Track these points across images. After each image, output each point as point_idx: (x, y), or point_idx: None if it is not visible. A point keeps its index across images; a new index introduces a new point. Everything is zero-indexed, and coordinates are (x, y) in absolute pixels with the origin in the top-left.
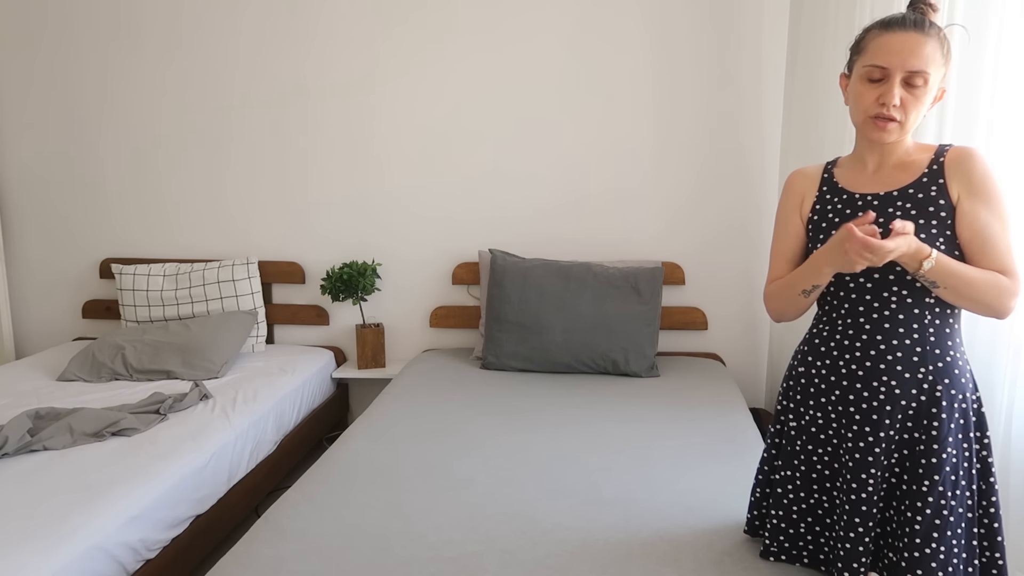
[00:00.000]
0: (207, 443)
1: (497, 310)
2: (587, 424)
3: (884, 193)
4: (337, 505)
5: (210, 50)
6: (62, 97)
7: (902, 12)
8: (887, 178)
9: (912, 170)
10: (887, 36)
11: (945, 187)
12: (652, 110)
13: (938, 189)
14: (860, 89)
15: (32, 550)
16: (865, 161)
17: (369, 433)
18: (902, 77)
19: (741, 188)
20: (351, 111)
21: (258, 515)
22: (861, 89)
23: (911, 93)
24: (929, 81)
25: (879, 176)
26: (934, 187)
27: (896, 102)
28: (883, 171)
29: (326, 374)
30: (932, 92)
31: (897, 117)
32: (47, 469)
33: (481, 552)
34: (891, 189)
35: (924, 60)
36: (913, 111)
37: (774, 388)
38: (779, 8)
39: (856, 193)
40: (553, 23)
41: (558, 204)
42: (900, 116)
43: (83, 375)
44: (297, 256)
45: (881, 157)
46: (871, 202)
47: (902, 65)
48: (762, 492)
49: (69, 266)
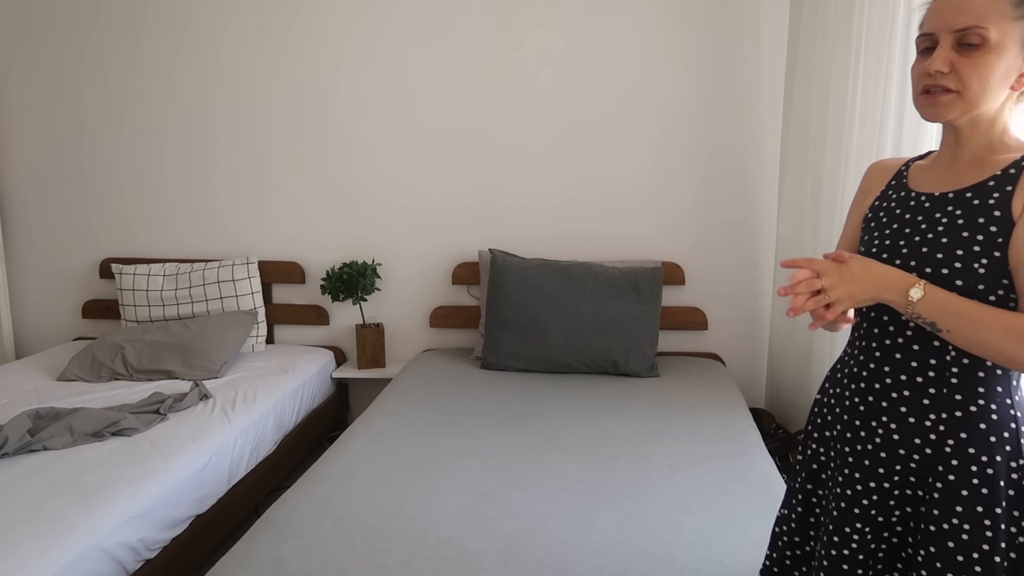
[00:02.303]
0: (207, 443)
1: (497, 310)
2: (587, 424)
3: (939, 194)
4: (337, 505)
5: (210, 50)
6: (63, 97)
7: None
8: (955, 176)
9: (986, 169)
10: (937, 2)
11: (1011, 197)
12: (652, 109)
13: (1000, 198)
14: (915, 66)
15: (32, 550)
16: (942, 154)
17: (369, 433)
18: (952, 40)
19: (741, 188)
20: (351, 111)
21: (258, 515)
22: (915, 65)
23: (967, 56)
24: (991, 39)
25: (949, 173)
26: (996, 194)
27: (943, 68)
28: (955, 167)
29: (326, 374)
30: (1003, 54)
31: (950, 86)
32: (47, 469)
33: (481, 552)
34: (950, 190)
35: (975, 13)
36: (974, 78)
37: (774, 388)
38: (779, 8)
39: (914, 191)
40: (554, 24)
41: (558, 204)
42: (955, 84)
43: (83, 375)
44: (297, 256)
45: (955, 148)
46: (923, 203)
47: (946, 25)
48: None
49: (69, 266)
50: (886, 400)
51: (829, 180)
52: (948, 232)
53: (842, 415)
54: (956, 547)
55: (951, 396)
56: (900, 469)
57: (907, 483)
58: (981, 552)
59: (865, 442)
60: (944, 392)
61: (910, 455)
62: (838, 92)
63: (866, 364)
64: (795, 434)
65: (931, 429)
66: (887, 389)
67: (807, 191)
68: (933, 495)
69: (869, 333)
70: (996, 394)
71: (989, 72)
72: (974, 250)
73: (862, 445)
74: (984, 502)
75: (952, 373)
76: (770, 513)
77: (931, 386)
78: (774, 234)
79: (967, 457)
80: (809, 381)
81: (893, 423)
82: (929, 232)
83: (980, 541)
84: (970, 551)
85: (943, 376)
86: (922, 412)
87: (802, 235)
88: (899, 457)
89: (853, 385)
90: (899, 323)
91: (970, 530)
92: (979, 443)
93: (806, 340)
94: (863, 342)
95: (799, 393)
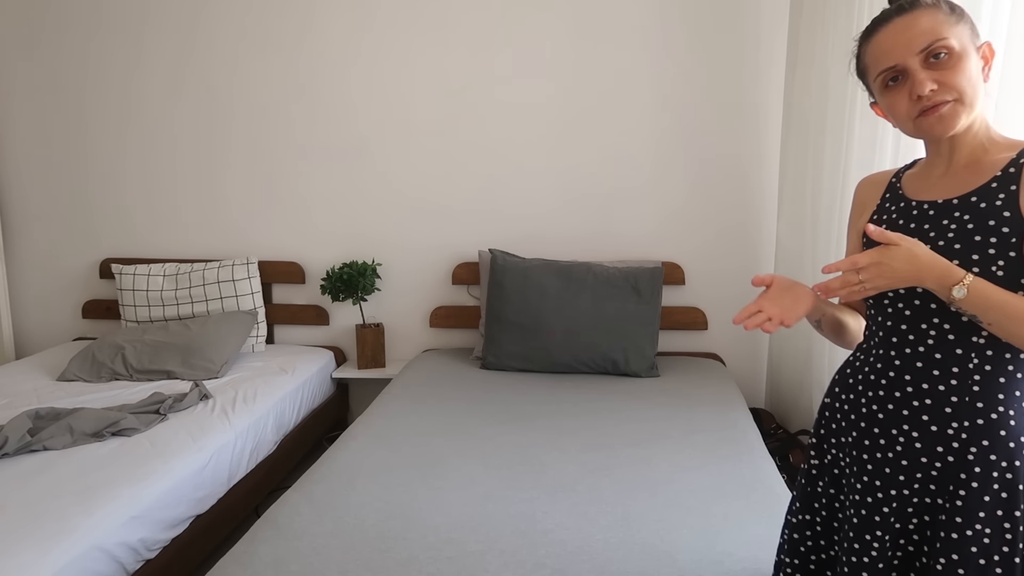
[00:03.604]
0: (207, 443)
1: (497, 310)
2: (587, 424)
3: (943, 201)
4: (337, 505)
5: (211, 50)
6: (63, 98)
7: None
8: (954, 181)
9: (985, 171)
10: (876, 38)
11: (1016, 196)
12: (652, 110)
13: (1006, 198)
14: (889, 100)
15: (32, 550)
16: (933, 162)
17: (369, 433)
18: (919, 61)
19: (741, 188)
20: (350, 111)
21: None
22: (890, 99)
23: (941, 69)
24: (955, 46)
25: (947, 179)
26: (1002, 195)
27: (934, 85)
28: (952, 173)
29: (326, 374)
30: (969, 56)
31: (947, 97)
32: (47, 469)
33: (481, 552)
34: (952, 196)
35: (930, 30)
36: (963, 82)
37: (774, 388)
38: (779, 8)
39: (914, 201)
40: (554, 24)
41: (558, 204)
42: (951, 95)
43: (83, 375)
44: (297, 256)
45: (950, 155)
46: (927, 211)
47: (909, 50)
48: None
49: (69, 266)
50: (907, 408)
51: (829, 180)
52: (960, 238)
53: (858, 422)
54: (978, 552)
55: (973, 404)
56: (921, 477)
57: (927, 491)
58: (1002, 554)
59: (885, 450)
60: (966, 400)
61: (932, 463)
62: (838, 92)
63: (885, 372)
64: (795, 434)
65: (953, 437)
66: (908, 398)
67: (807, 191)
68: (956, 503)
69: (887, 341)
70: (1015, 399)
71: (969, 74)
72: (990, 253)
73: (882, 453)
74: (1004, 506)
75: (975, 381)
76: (770, 513)
77: (953, 394)
78: (774, 234)
79: (989, 464)
80: (809, 381)
81: (915, 431)
82: (940, 240)
83: (1000, 544)
84: (991, 554)
85: (965, 384)
86: (944, 420)
87: (802, 235)
88: (921, 465)
89: (870, 392)
90: (919, 332)
91: (991, 534)
92: (1000, 449)
93: (806, 340)
94: (880, 350)
95: (799, 393)
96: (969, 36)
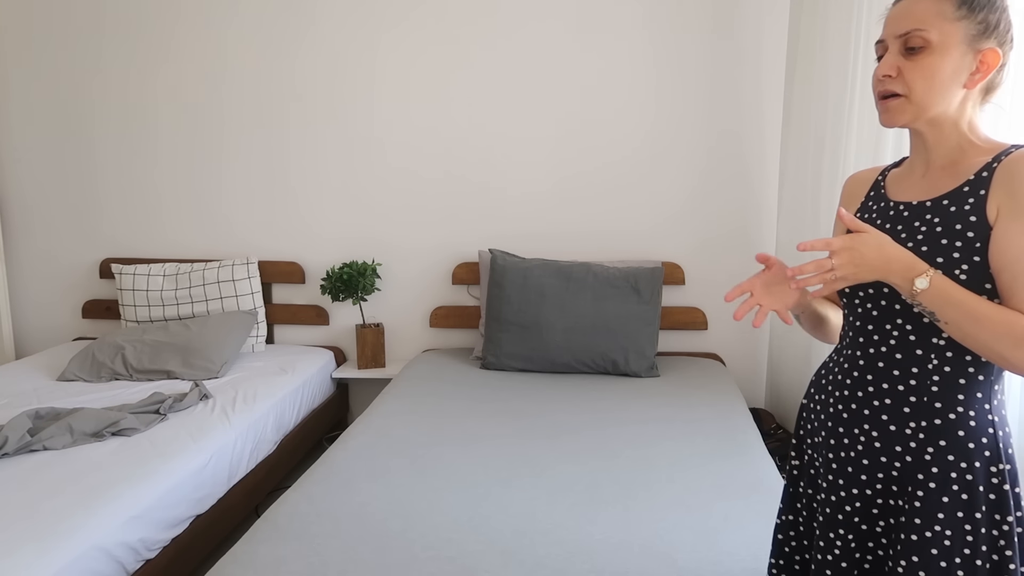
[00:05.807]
0: (207, 443)
1: (497, 310)
2: (587, 424)
3: (917, 203)
4: (337, 505)
5: (211, 51)
6: (63, 97)
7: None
8: (931, 183)
9: (960, 174)
10: (892, 8)
11: (984, 201)
12: (653, 110)
13: (975, 203)
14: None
15: (32, 550)
16: (914, 162)
17: (369, 433)
18: (898, 45)
19: (741, 188)
20: (350, 111)
21: (258, 515)
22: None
23: (911, 59)
24: (933, 40)
25: (925, 181)
26: (971, 199)
27: (890, 71)
28: (930, 174)
29: (326, 374)
30: (946, 55)
31: (898, 90)
32: (47, 469)
33: (481, 552)
34: (927, 198)
35: (917, 17)
36: (919, 80)
37: (774, 388)
38: (779, 8)
39: (892, 201)
40: (553, 24)
41: (558, 204)
42: (902, 89)
43: (83, 375)
44: (297, 256)
45: (927, 154)
46: (903, 212)
47: (893, 31)
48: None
49: (69, 266)
50: (868, 408)
51: (829, 180)
52: (928, 240)
53: (827, 422)
54: (939, 554)
55: (931, 404)
56: (882, 477)
57: (890, 492)
58: (963, 557)
59: (848, 449)
60: (924, 400)
61: (891, 463)
62: (838, 92)
63: (850, 372)
64: None
65: (911, 437)
66: (869, 397)
67: (807, 191)
68: (914, 504)
69: (855, 342)
70: (975, 400)
71: (933, 73)
72: (954, 257)
73: (845, 452)
74: (964, 508)
75: (933, 382)
76: (770, 513)
77: (912, 394)
78: (774, 234)
79: (947, 465)
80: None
81: (875, 431)
82: (909, 241)
83: (962, 546)
84: (952, 556)
85: (924, 385)
86: (903, 420)
87: (802, 235)
88: (881, 465)
89: (837, 392)
90: (883, 332)
91: (952, 536)
92: (958, 450)
93: (806, 340)
94: (848, 350)
95: (799, 393)
96: (965, 36)
